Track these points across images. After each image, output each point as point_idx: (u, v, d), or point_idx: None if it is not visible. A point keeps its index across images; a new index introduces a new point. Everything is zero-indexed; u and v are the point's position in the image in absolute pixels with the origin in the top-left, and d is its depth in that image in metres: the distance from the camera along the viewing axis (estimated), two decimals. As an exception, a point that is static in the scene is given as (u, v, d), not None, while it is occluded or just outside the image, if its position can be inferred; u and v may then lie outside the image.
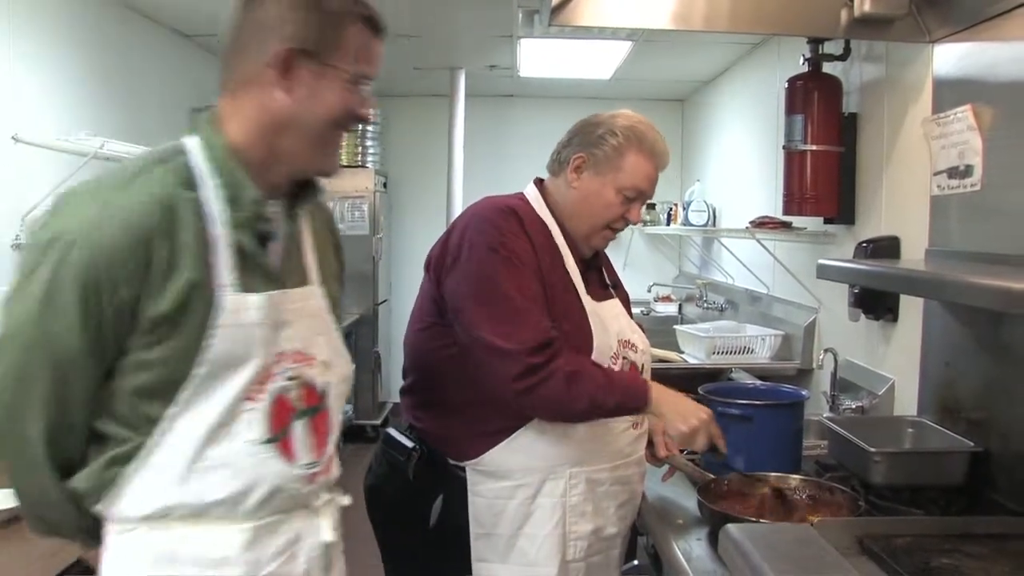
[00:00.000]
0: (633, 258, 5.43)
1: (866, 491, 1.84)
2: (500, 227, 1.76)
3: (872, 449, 1.82)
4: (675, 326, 3.65)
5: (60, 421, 1.22)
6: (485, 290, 1.71)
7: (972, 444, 1.86)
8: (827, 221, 2.78)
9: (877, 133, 2.53)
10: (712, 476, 1.88)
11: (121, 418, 1.24)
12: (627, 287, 2.05)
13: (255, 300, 1.25)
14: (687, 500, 1.91)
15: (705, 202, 4.42)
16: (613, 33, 3.64)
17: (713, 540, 1.65)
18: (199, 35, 3.85)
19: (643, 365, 1.88)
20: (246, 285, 1.24)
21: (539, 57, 4.26)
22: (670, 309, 5.01)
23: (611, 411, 1.73)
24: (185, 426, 1.22)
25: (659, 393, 1.74)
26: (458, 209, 2.01)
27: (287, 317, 1.29)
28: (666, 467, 1.99)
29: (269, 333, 1.26)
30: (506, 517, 1.79)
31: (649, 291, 5.14)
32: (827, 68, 2.67)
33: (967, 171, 1.95)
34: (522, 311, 1.69)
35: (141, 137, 3.26)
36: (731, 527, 1.46)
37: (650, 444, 1.97)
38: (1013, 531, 1.52)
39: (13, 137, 2.62)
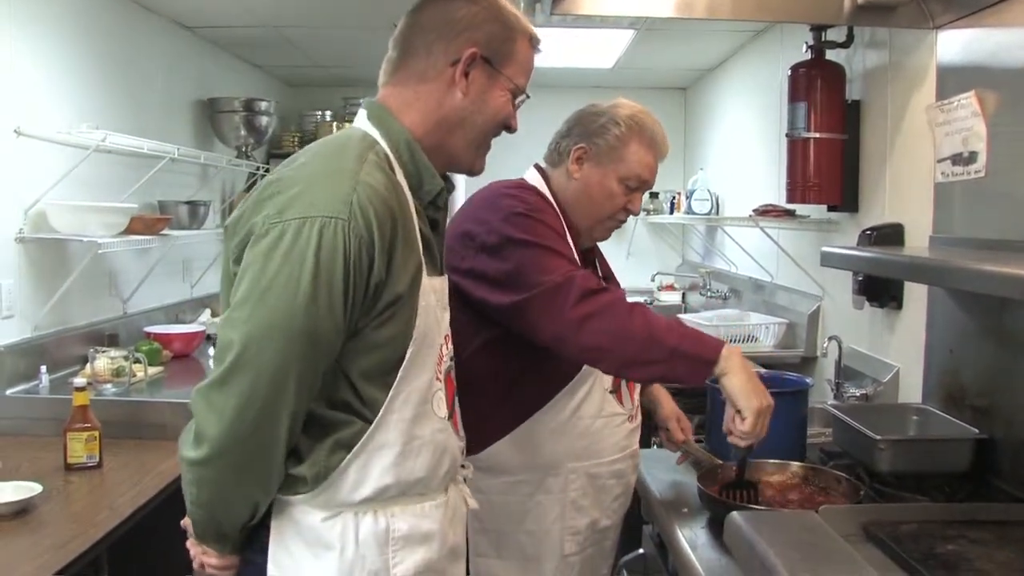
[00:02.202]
0: (636, 247, 5.42)
1: (871, 478, 1.84)
2: (517, 196, 1.77)
3: (877, 437, 1.82)
4: (678, 315, 3.64)
5: (301, 412, 1.20)
6: (522, 246, 1.67)
7: (977, 431, 1.86)
8: (831, 209, 2.77)
9: (880, 120, 2.52)
10: (721, 462, 1.89)
11: (339, 402, 1.23)
12: (630, 276, 2.06)
13: (439, 283, 1.32)
14: (693, 488, 1.91)
15: (708, 191, 4.40)
16: (615, 22, 3.62)
17: (718, 528, 1.65)
18: (201, 27, 3.84)
19: None
20: (427, 268, 1.28)
21: (541, 46, 4.26)
22: (673, 298, 5.00)
23: (671, 352, 1.56)
24: (400, 407, 1.24)
25: (731, 354, 1.57)
26: (460, 199, 2.00)
27: (445, 301, 1.36)
28: (679, 452, 2.01)
29: (443, 315, 1.34)
30: (505, 513, 1.79)
31: (652, 280, 5.13)
32: (830, 55, 2.65)
33: (971, 158, 1.94)
34: (560, 254, 1.68)
35: (143, 130, 3.26)
36: (736, 514, 1.47)
37: (666, 429, 1.99)
38: (1017, 518, 1.52)
39: (15, 130, 2.62)
